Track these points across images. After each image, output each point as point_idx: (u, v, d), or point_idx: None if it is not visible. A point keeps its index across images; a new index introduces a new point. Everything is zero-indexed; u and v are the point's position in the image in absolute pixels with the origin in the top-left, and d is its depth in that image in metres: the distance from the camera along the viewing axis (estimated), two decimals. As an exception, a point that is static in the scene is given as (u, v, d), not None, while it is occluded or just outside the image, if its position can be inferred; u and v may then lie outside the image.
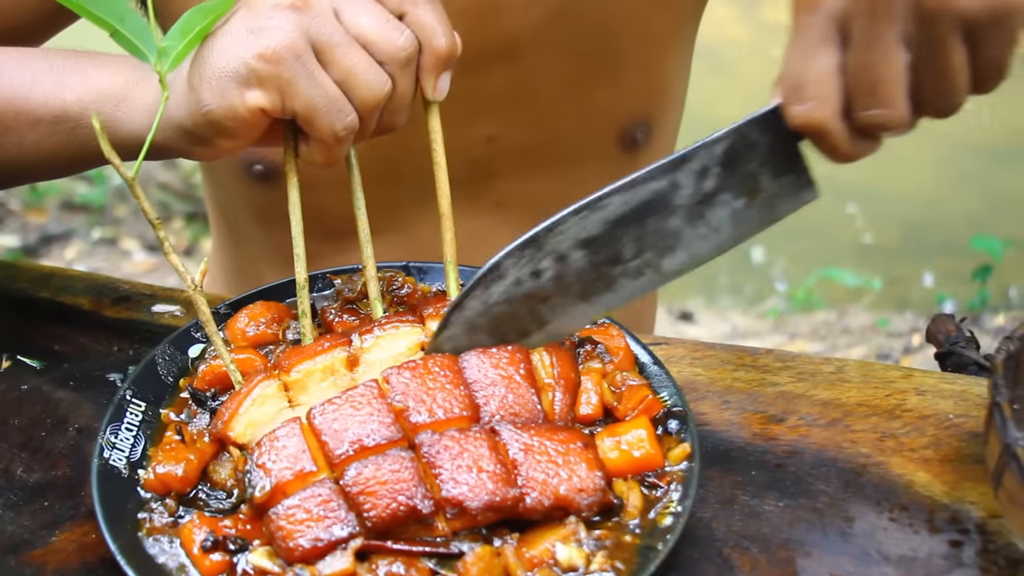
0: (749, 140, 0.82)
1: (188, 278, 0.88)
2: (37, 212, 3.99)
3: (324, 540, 0.76)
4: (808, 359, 1.03)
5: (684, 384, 0.98)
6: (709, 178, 0.83)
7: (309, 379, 0.88)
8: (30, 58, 1.02)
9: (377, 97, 0.88)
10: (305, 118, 0.87)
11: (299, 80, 0.86)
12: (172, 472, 0.85)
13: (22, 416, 1.00)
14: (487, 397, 0.83)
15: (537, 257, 0.84)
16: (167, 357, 0.97)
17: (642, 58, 1.22)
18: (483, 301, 0.85)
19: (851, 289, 3.67)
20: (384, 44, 0.88)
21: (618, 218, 0.83)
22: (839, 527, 0.85)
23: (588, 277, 0.85)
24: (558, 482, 0.78)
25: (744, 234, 0.85)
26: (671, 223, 0.84)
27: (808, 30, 0.77)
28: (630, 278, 0.86)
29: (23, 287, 1.19)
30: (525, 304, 0.86)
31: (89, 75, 0.97)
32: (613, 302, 0.87)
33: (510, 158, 1.23)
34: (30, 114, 0.98)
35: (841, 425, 0.94)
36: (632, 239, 0.84)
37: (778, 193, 0.84)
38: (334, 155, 0.90)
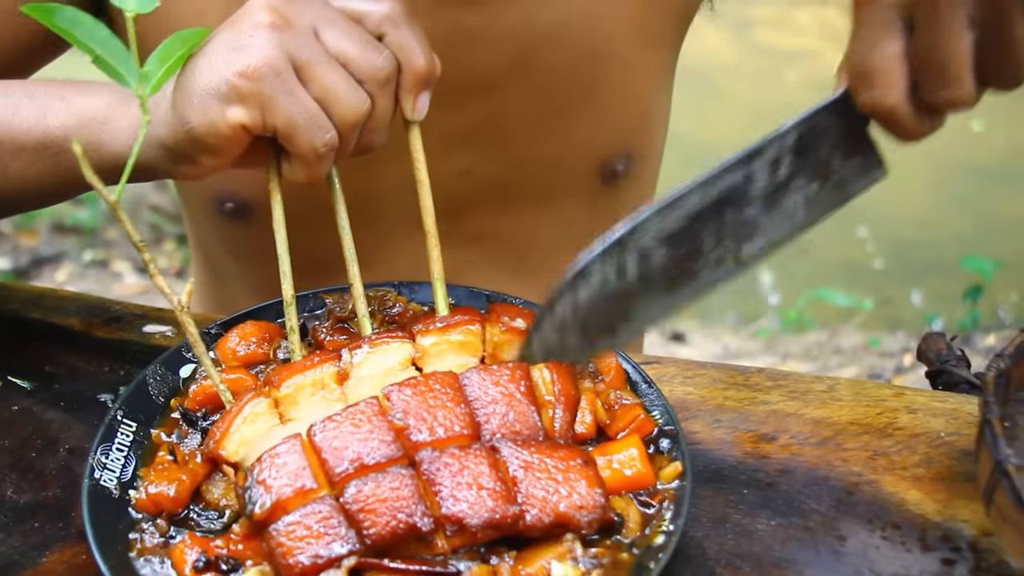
0: (819, 127, 0.83)
1: (175, 299, 0.87)
2: (28, 234, 3.99)
3: (324, 557, 0.76)
4: (799, 377, 1.03)
5: (675, 403, 0.99)
6: (782, 167, 0.84)
7: (299, 394, 0.88)
8: (9, 87, 1.02)
9: (356, 115, 0.89)
10: (286, 134, 0.88)
11: (279, 97, 0.86)
12: (164, 492, 0.84)
13: (12, 437, 0.99)
14: (488, 415, 0.83)
15: (622, 257, 0.85)
16: (158, 377, 0.96)
17: (621, 89, 1.22)
18: (572, 304, 0.85)
19: (842, 309, 3.67)
20: (363, 63, 0.89)
21: (697, 213, 0.83)
22: (831, 546, 0.85)
23: (671, 271, 0.86)
24: (558, 499, 0.78)
25: (818, 216, 0.86)
26: (748, 213, 0.84)
27: (872, 17, 0.78)
28: (711, 268, 0.86)
29: (14, 308, 1.19)
30: (612, 302, 0.86)
31: (72, 100, 0.98)
32: (696, 291, 0.86)
33: (486, 192, 1.22)
34: (13, 142, 0.98)
35: (833, 443, 0.94)
36: (711, 231, 0.84)
37: (849, 174, 0.85)
38: (315, 172, 0.90)
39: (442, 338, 0.91)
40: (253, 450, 0.85)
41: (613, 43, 1.18)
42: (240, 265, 1.32)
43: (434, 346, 0.91)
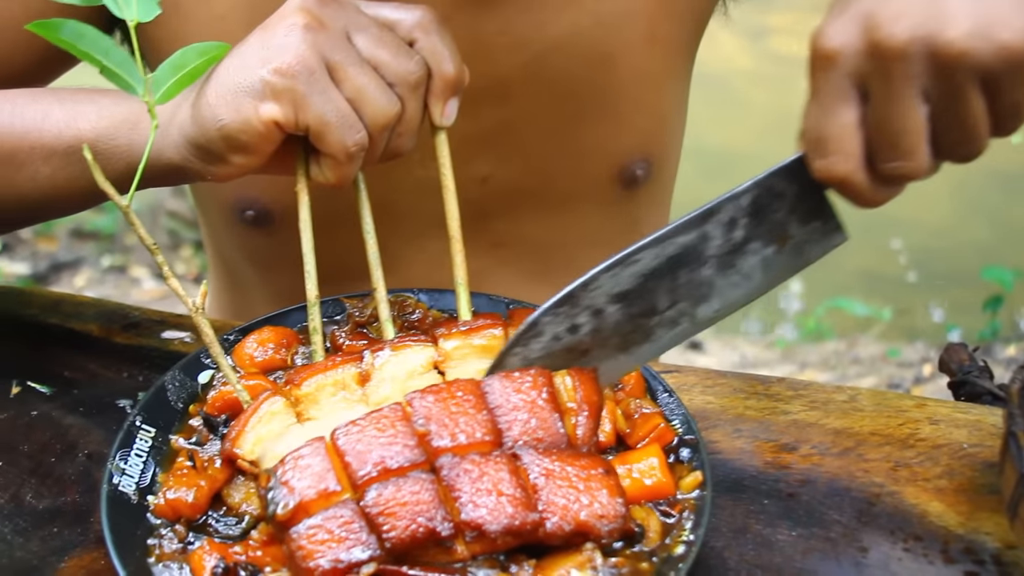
0: (775, 190, 0.83)
1: (189, 301, 0.88)
2: (47, 240, 4.00)
3: (344, 562, 0.76)
4: (820, 387, 1.03)
5: (696, 412, 0.98)
6: (738, 228, 0.84)
7: (320, 393, 0.88)
8: (38, 95, 1.04)
9: (387, 116, 0.89)
10: (317, 133, 0.88)
11: (312, 95, 0.87)
12: (182, 498, 0.84)
13: (32, 442, 1.00)
14: (510, 422, 0.83)
15: (573, 313, 0.86)
16: (177, 383, 0.96)
17: (636, 95, 1.22)
18: (523, 357, 0.87)
19: (861, 319, 3.66)
20: (394, 67, 0.90)
21: (650, 272, 0.85)
22: (853, 557, 0.84)
23: (625, 329, 0.87)
24: (579, 508, 0.78)
25: (776, 280, 0.87)
26: (703, 273, 0.85)
27: (826, 87, 0.78)
28: (666, 328, 0.87)
29: (33, 313, 1.19)
30: (565, 357, 0.87)
31: (102, 104, 0.99)
32: (651, 352, 0.88)
33: (505, 198, 1.23)
34: (44, 147, 1.00)
35: (854, 454, 0.94)
36: (666, 291, 0.86)
37: (807, 239, 0.85)
38: (344, 173, 0.91)
39: (464, 342, 0.91)
40: (269, 448, 0.85)
41: (627, 49, 1.18)
42: (259, 273, 1.33)
43: (456, 350, 0.91)
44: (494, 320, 0.93)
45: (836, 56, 0.77)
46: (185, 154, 0.93)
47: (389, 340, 0.92)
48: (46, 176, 1.01)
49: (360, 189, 0.97)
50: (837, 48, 0.77)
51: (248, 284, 1.37)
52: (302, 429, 0.86)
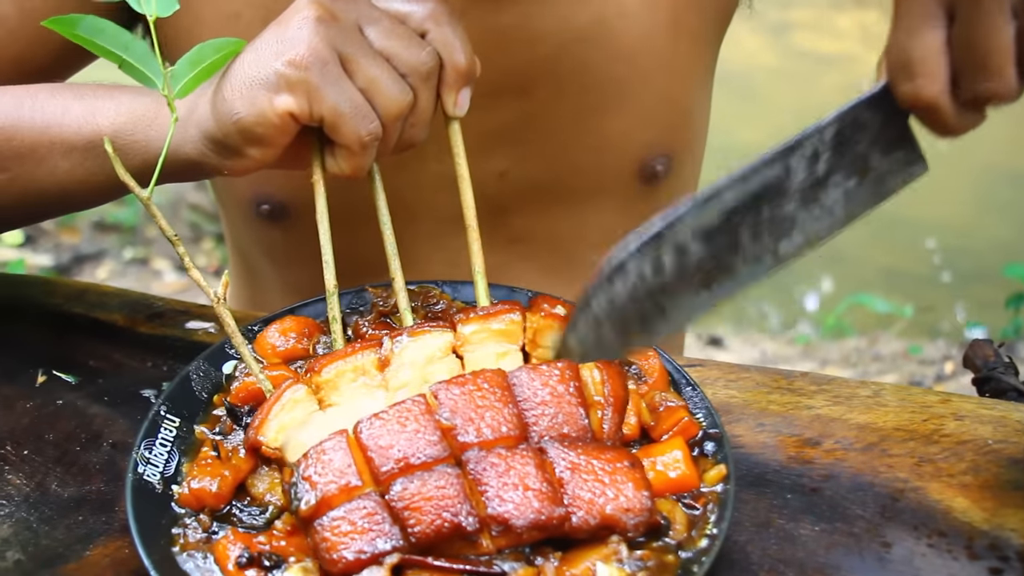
0: (858, 122, 0.82)
1: (211, 292, 0.90)
2: (70, 232, 4.02)
3: (368, 553, 0.76)
4: (844, 382, 1.02)
5: (719, 406, 0.98)
6: (821, 162, 0.83)
7: (340, 379, 0.88)
8: (57, 90, 1.05)
9: (399, 106, 0.91)
10: (331, 123, 0.89)
11: (326, 86, 0.88)
12: (207, 488, 0.84)
13: (57, 431, 1.00)
14: (536, 416, 0.83)
15: (659, 252, 0.84)
16: (201, 373, 0.97)
17: (659, 88, 1.21)
18: (608, 300, 0.85)
19: (882, 316, 3.64)
20: (406, 57, 0.91)
21: (733, 208, 0.83)
22: (876, 552, 0.84)
23: (708, 267, 0.85)
24: (604, 501, 0.78)
25: (857, 212, 0.85)
26: (786, 208, 0.84)
27: (913, 7, 0.78)
28: (748, 264, 0.85)
29: (58, 303, 1.20)
30: (649, 298, 0.85)
31: (121, 100, 1.00)
32: (733, 288, 0.86)
33: (524, 193, 1.23)
34: (64, 142, 1.01)
35: (878, 449, 0.93)
36: (748, 227, 0.84)
37: (888, 170, 0.84)
38: (359, 163, 0.92)
39: (483, 326, 0.91)
40: (292, 436, 0.85)
41: (650, 42, 1.17)
42: (276, 267, 1.33)
43: (475, 334, 0.91)
44: (512, 305, 0.93)
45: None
46: (202, 148, 0.94)
47: (408, 327, 0.92)
48: (65, 170, 1.02)
49: (375, 181, 0.98)
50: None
51: (266, 279, 1.37)
52: (324, 416, 0.87)
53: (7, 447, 0.98)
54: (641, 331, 0.86)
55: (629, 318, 0.86)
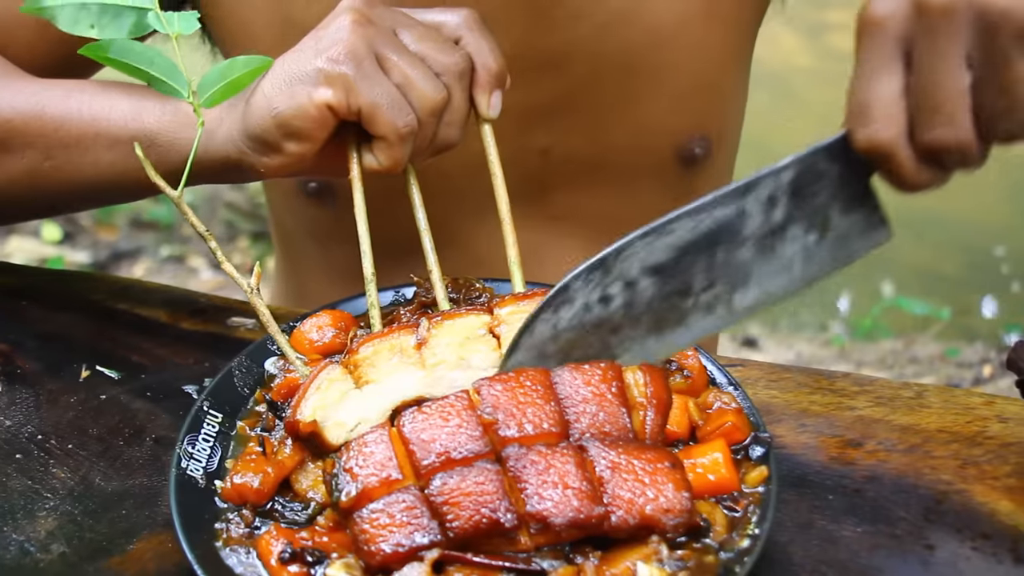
0: (817, 169, 0.81)
1: (244, 283, 0.92)
2: (107, 229, 4.05)
3: (406, 546, 0.76)
4: (886, 383, 1.02)
5: (760, 406, 0.97)
6: (777, 208, 0.82)
7: (377, 357, 0.89)
8: (108, 86, 1.10)
9: (434, 101, 0.95)
10: (369, 115, 0.93)
11: (363, 79, 0.92)
12: (249, 483, 0.85)
13: (100, 425, 1.01)
14: (578, 414, 0.83)
15: (605, 281, 0.84)
16: (243, 369, 0.97)
17: (696, 71, 1.22)
18: (552, 325, 0.85)
19: (918, 318, 3.61)
20: (440, 58, 0.96)
21: (686, 245, 0.82)
22: (920, 555, 0.83)
23: (658, 308, 0.84)
24: (644, 501, 0.78)
25: (816, 273, 0.84)
26: (741, 254, 0.83)
27: (871, 54, 0.77)
28: (701, 313, 0.84)
29: (100, 298, 1.21)
30: (595, 333, 0.86)
31: (166, 100, 1.04)
32: (684, 339, 0.86)
33: (565, 171, 1.25)
34: (109, 135, 1.06)
35: (921, 451, 0.93)
36: (702, 269, 0.83)
37: (849, 231, 0.83)
38: (396, 155, 0.95)
39: (518, 307, 0.92)
40: (330, 415, 0.86)
41: (686, 24, 1.19)
42: (320, 247, 1.35)
43: (511, 314, 0.91)
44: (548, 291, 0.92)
45: (883, 21, 0.75)
46: (241, 147, 0.98)
47: (445, 310, 0.94)
48: (108, 163, 1.06)
49: (411, 182, 1.00)
50: (884, 14, 0.75)
51: (309, 259, 1.40)
52: (361, 393, 0.88)
53: (52, 441, 0.99)
54: None
55: (573, 351, 0.85)
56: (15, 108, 1.10)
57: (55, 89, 1.10)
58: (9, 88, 1.12)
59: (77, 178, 1.09)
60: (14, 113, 1.09)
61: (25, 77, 1.15)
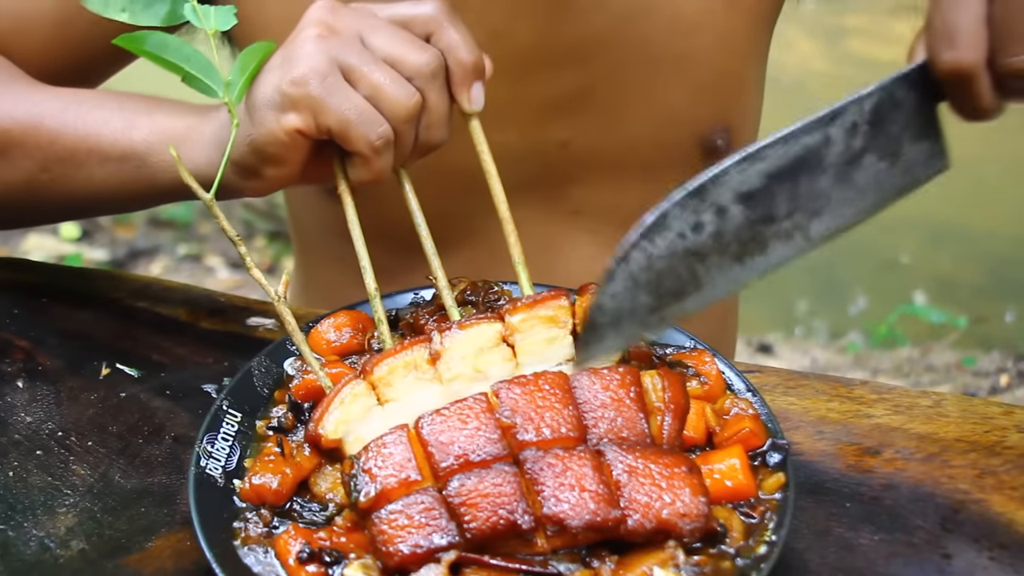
0: (895, 98, 0.84)
1: (271, 290, 0.92)
2: (125, 228, 4.07)
3: (423, 547, 0.76)
4: (904, 392, 1.02)
5: (777, 413, 0.97)
6: (858, 136, 0.84)
7: (392, 375, 0.89)
8: (104, 99, 1.09)
9: (407, 108, 0.92)
10: (340, 133, 0.92)
11: (328, 97, 0.90)
12: (267, 484, 0.85)
13: (120, 423, 1.02)
14: (596, 418, 0.83)
15: (700, 208, 0.84)
16: (263, 369, 0.98)
17: (716, 61, 1.22)
18: (647, 254, 0.84)
19: (935, 326, 3.60)
20: (409, 60, 0.92)
21: (775, 171, 0.84)
22: (937, 564, 0.83)
23: (744, 236, 0.85)
24: (661, 506, 0.78)
25: (883, 201, 0.87)
26: (821, 181, 0.85)
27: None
28: (781, 241, 0.86)
29: (121, 296, 1.21)
30: (684, 261, 0.85)
31: (155, 117, 1.05)
32: (764, 266, 0.86)
33: (585, 164, 1.23)
34: (100, 151, 1.06)
35: (939, 460, 0.93)
36: (786, 196, 0.85)
37: (915, 159, 0.86)
38: (376, 168, 0.94)
39: (530, 314, 0.91)
40: (352, 429, 0.86)
41: (707, 14, 1.18)
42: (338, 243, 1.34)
43: (523, 322, 0.91)
44: (558, 292, 0.93)
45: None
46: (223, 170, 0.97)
47: (456, 320, 0.93)
48: (101, 178, 1.07)
49: (404, 186, 0.98)
50: None
51: (326, 254, 1.39)
52: (383, 411, 0.87)
53: (72, 438, 1.00)
54: (674, 300, 0.85)
55: (664, 281, 0.85)
56: (14, 118, 1.10)
57: (55, 100, 1.11)
58: (10, 96, 1.12)
59: (73, 191, 1.10)
60: (12, 123, 1.09)
61: (28, 84, 1.15)
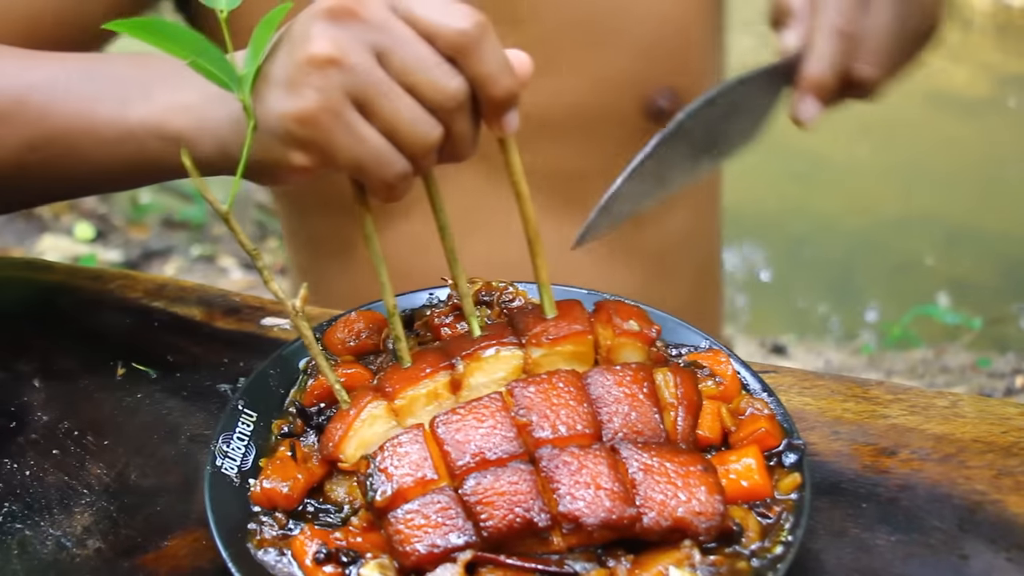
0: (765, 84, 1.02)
1: (289, 304, 0.87)
2: (139, 228, 4.08)
3: (440, 547, 0.76)
4: (921, 392, 1.01)
5: (793, 413, 0.97)
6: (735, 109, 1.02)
7: (414, 404, 0.88)
8: (95, 69, 0.98)
9: (426, 144, 0.83)
10: (354, 172, 0.84)
11: (340, 139, 0.81)
12: (278, 489, 0.85)
13: (136, 423, 1.02)
14: (610, 414, 0.83)
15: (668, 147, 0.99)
16: (278, 369, 0.98)
17: (661, 22, 1.21)
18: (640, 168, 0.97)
19: (949, 327, 3.59)
20: (432, 92, 0.82)
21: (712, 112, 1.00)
22: (954, 565, 0.83)
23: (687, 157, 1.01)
24: (676, 504, 0.78)
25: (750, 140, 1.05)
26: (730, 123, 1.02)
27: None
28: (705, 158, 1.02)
29: (137, 296, 1.21)
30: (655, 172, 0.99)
31: (154, 94, 0.93)
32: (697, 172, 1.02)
33: (526, 127, 1.17)
34: (95, 132, 0.95)
35: (955, 461, 0.92)
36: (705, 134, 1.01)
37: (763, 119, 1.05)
38: (393, 197, 0.86)
39: (552, 350, 0.89)
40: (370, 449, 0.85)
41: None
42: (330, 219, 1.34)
43: (544, 357, 0.89)
44: (581, 320, 0.90)
45: None
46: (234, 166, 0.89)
47: (477, 340, 0.90)
48: (98, 160, 0.97)
49: (434, 183, 0.91)
50: None
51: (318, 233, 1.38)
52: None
53: (88, 437, 1.00)
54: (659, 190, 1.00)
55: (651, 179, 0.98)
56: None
57: (42, 69, 0.99)
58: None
59: (66, 173, 1.00)
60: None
61: (13, 52, 1.03)
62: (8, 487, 0.94)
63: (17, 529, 0.90)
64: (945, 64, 5.74)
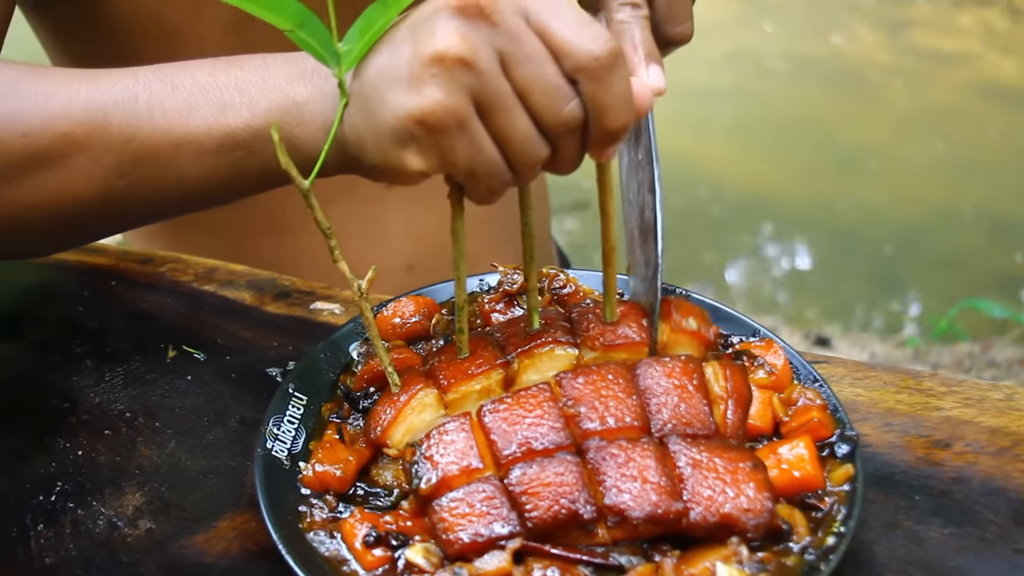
0: None
1: (355, 284, 0.86)
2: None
3: (484, 536, 0.76)
4: (975, 384, 1.00)
5: (845, 404, 0.96)
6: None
7: (467, 400, 0.88)
8: (176, 80, 0.91)
9: (534, 162, 0.81)
10: (463, 180, 0.82)
11: (459, 146, 0.79)
12: (331, 472, 0.85)
13: (186, 405, 1.03)
14: (659, 406, 0.82)
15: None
16: (328, 353, 0.98)
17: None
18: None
19: (996, 321, 3.55)
20: (547, 114, 0.79)
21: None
22: (1009, 559, 0.82)
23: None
24: (724, 500, 0.77)
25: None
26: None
27: None
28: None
29: (188, 280, 1.22)
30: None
31: (253, 96, 0.89)
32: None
33: None
34: (193, 144, 0.90)
35: (1011, 454, 0.91)
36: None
37: None
38: (490, 202, 0.85)
39: (607, 355, 0.89)
40: (416, 437, 0.85)
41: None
42: None
43: (596, 360, 0.89)
44: (639, 337, 0.90)
45: None
46: (340, 159, 0.87)
47: (533, 336, 0.90)
48: (197, 176, 0.91)
49: (526, 189, 0.90)
50: None
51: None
52: None
53: (139, 419, 1.01)
54: None
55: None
56: (71, 116, 0.90)
57: (114, 87, 0.91)
58: (55, 91, 0.92)
59: (161, 195, 0.94)
60: (72, 123, 0.90)
61: (70, 75, 0.93)
62: (61, 467, 0.95)
63: (70, 508, 0.91)
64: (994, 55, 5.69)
